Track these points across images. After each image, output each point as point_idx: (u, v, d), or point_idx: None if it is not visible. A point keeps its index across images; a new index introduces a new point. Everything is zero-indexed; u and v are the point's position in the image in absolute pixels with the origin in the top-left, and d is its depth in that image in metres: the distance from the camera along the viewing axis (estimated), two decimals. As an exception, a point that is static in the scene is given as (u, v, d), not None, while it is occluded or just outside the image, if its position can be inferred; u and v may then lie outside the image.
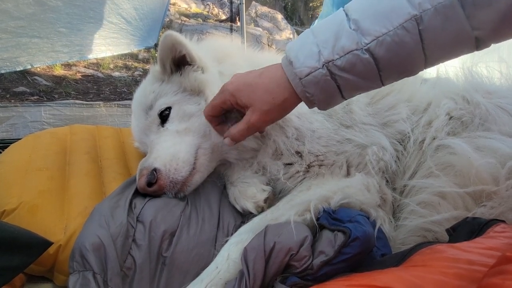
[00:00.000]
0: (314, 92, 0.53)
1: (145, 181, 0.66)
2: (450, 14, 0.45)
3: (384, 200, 0.70)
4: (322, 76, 0.51)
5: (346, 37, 0.49)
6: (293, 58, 0.53)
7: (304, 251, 0.52)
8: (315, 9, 10.71)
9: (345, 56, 0.49)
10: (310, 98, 0.54)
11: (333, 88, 0.52)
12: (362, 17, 0.49)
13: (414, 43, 0.47)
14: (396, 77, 0.54)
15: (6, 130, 1.56)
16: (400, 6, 0.46)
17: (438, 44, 0.48)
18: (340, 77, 0.51)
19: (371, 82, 0.52)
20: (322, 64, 0.50)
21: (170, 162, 0.68)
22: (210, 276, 0.57)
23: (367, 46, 0.48)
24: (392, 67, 0.51)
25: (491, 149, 0.65)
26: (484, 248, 0.46)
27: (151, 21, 2.47)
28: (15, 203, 0.68)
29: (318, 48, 0.51)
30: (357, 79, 0.51)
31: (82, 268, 0.53)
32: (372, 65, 0.49)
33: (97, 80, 3.56)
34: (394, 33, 0.47)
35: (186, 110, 0.73)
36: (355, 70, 0.50)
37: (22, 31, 1.69)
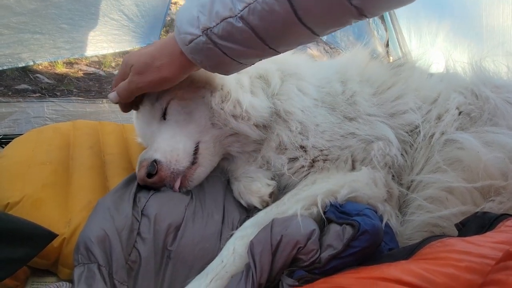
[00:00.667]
0: (201, 59, 0.51)
1: (145, 172, 0.65)
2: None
3: (390, 194, 0.69)
4: (204, 44, 0.48)
5: (220, 3, 0.46)
6: (178, 23, 0.50)
7: (311, 244, 0.51)
8: (317, 8, 10.67)
9: (220, 24, 0.46)
10: (201, 64, 0.52)
11: (220, 55, 0.49)
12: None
13: (285, 12, 0.43)
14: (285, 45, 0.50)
15: (8, 125, 1.56)
16: None
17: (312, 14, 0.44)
18: (222, 45, 0.47)
19: (258, 50, 0.49)
20: (202, 31, 0.47)
21: (171, 153, 0.67)
22: (215, 270, 0.56)
23: (240, 13, 0.45)
24: (272, 36, 0.47)
25: (499, 144, 0.65)
26: (496, 242, 0.45)
27: (153, 18, 2.46)
28: (18, 196, 0.67)
29: (198, 13, 0.47)
30: (241, 48, 0.48)
31: (87, 261, 0.53)
32: (249, 33, 0.46)
33: (99, 78, 3.55)
34: (263, 1, 0.43)
35: (188, 103, 0.73)
36: (235, 39, 0.47)
37: (24, 27, 1.69)
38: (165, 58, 0.53)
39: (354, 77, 0.80)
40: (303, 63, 0.85)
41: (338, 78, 0.82)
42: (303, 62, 0.86)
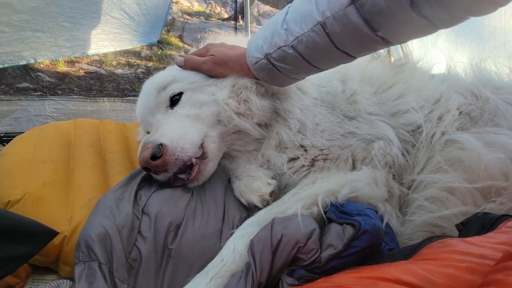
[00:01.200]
0: (262, 75, 0.69)
1: (150, 153, 0.64)
2: (346, 21, 0.52)
3: (391, 194, 0.69)
4: (265, 65, 0.65)
5: (277, 36, 0.61)
6: (248, 49, 0.68)
7: (312, 243, 0.51)
8: (318, 8, 10.67)
9: (277, 51, 0.62)
10: (262, 79, 0.70)
11: (276, 73, 0.66)
12: (290, 19, 0.59)
13: (324, 43, 0.56)
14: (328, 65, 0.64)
15: (10, 123, 1.56)
16: (312, 12, 0.55)
17: (347, 44, 0.56)
18: (278, 66, 0.64)
19: (305, 69, 0.64)
20: (264, 55, 0.64)
21: (178, 141, 0.67)
22: (215, 268, 0.56)
23: (291, 43, 0.59)
24: (315, 59, 0.61)
25: (500, 145, 0.65)
26: (496, 243, 0.45)
27: (154, 17, 2.46)
28: (19, 194, 0.68)
29: (262, 43, 0.64)
30: (292, 67, 0.63)
31: (88, 259, 0.53)
32: (299, 58, 0.60)
33: (100, 77, 3.55)
34: (307, 35, 0.56)
35: (199, 98, 0.74)
36: (287, 61, 0.62)
37: (25, 25, 1.69)
38: (237, 66, 0.72)
39: (354, 76, 0.80)
40: None
41: (338, 77, 0.82)
42: None
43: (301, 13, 0.57)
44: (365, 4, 0.49)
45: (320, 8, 0.53)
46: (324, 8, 0.53)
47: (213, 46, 0.75)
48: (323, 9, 0.53)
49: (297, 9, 0.59)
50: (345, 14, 0.51)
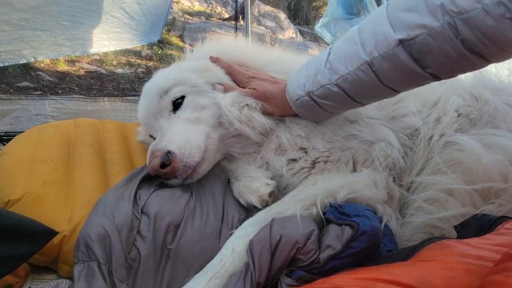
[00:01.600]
0: (303, 112, 0.71)
1: (159, 161, 0.65)
2: (395, 60, 0.53)
3: (391, 196, 0.69)
4: (306, 102, 0.67)
5: (321, 75, 0.63)
6: (289, 87, 0.70)
7: (310, 244, 0.51)
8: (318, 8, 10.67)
9: (320, 88, 0.64)
10: (301, 114, 0.73)
11: (317, 109, 0.68)
12: (334, 59, 0.62)
13: (371, 80, 0.58)
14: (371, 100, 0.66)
15: (10, 123, 1.56)
16: (358, 53, 0.57)
17: (394, 81, 0.57)
18: (320, 102, 0.66)
19: (347, 104, 0.66)
20: (306, 93, 0.66)
21: (185, 147, 0.68)
22: (214, 268, 0.56)
23: (336, 81, 0.61)
24: (360, 95, 0.63)
25: (499, 147, 0.65)
26: (494, 245, 0.45)
27: (155, 17, 2.46)
28: (19, 193, 0.68)
29: (304, 81, 0.67)
30: (334, 104, 0.66)
31: (87, 258, 0.53)
32: (342, 95, 0.62)
33: (100, 76, 3.55)
34: (353, 73, 0.58)
35: (200, 101, 0.75)
36: (330, 98, 0.64)
37: (25, 23, 1.69)
38: (280, 102, 0.73)
39: None
40: None
41: None
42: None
43: (346, 53, 0.59)
44: (413, 45, 0.50)
45: (367, 48, 0.55)
46: (371, 48, 0.54)
47: (255, 79, 0.76)
48: (370, 50, 0.55)
49: (340, 50, 0.61)
50: (393, 53, 0.52)
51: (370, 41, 0.55)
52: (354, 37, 0.58)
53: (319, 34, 3.15)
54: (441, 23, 0.47)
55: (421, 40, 0.50)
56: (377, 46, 0.54)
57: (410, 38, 0.50)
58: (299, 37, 8.04)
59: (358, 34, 0.58)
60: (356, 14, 2.62)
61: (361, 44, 0.56)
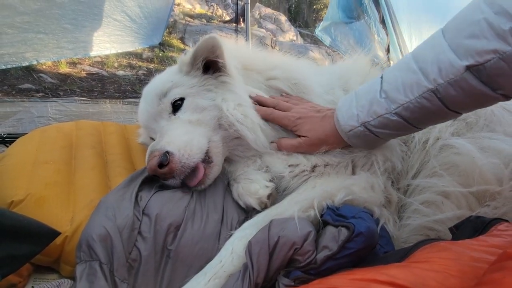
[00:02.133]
0: (356, 142, 0.69)
1: (157, 161, 0.65)
2: (463, 85, 0.53)
3: (389, 200, 0.70)
4: (361, 132, 0.66)
5: (377, 105, 0.62)
6: (340, 118, 0.69)
7: (308, 245, 0.52)
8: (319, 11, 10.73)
9: (377, 118, 0.63)
10: (354, 144, 0.71)
11: (372, 138, 0.67)
12: (390, 88, 0.61)
13: (435, 107, 0.57)
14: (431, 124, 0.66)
15: (12, 125, 1.58)
16: (419, 81, 0.56)
17: (461, 105, 0.57)
18: (377, 132, 0.65)
19: (405, 131, 0.66)
20: (360, 123, 0.65)
21: (184, 148, 0.68)
22: (214, 269, 0.57)
23: (395, 110, 0.60)
24: (421, 121, 0.62)
25: (495, 150, 0.66)
26: (488, 246, 0.46)
27: (156, 20, 2.48)
28: (22, 194, 0.69)
29: (357, 112, 0.65)
30: (392, 131, 0.65)
31: (89, 258, 0.54)
32: (402, 123, 0.62)
33: (101, 79, 3.58)
34: (415, 101, 0.58)
35: (199, 103, 0.75)
36: (389, 127, 0.64)
37: (28, 26, 1.71)
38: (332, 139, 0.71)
39: (356, 85, 0.81)
40: (307, 70, 0.86)
41: (340, 85, 0.83)
42: (307, 69, 0.86)
43: (404, 82, 0.58)
44: (483, 70, 0.51)
45: (429, 76, 0.55)
46: (434, 76, 0.54)
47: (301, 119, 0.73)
48: (434, 77, 0.54)
49: (396, 79, 0.60)
50: (461, 79, 0.52)
51: (432, 68, 0.55)
52: (411, 66, 0.58)
53: (319, 38, 3.17)
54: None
55: (491, 64, 0.50)
56: (441, 73, 0.54)
57: (479, 63, 0.50)
58: (300, 39, 8.07)
59: (414, 62, 0.58)
60: (356, 18, 2.64)
61: (422, 72, 0.56)
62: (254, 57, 0.88)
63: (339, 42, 2.88)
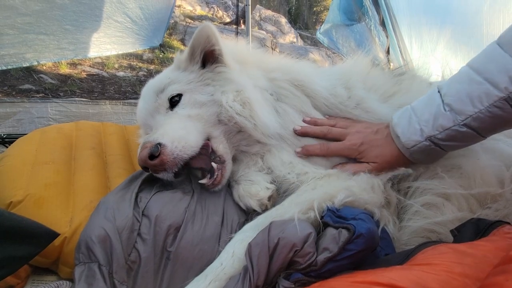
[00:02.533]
0: (420, 157, 0.68)
1: (148, 152, 0.64)
2: None
3: (388, 201, 0.69)
4: (426, 147, 0.65)
5: (443, 118, 0.62)
6: (400, 134, 0.68)
7: (308, 247, 0.52)
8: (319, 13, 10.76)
9: (444, 131, 0.63)
10: (416, 160, 0.69)
11: (437, 151, 0.66)
12: (455, 101, 0.61)
13: (508, 114, 0.57)
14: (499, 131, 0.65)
15: (12, 125, 1.58)
16: (488, 91, 0.57)
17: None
18: (443, 145, 0.65)
19: (473, 141, 0.65)
20: (425, 138, 0.65)
21: (178, 140, 0.67)
22: (214, 272, 0.57)
23: (463, 122, 0.60)
24: (491, 130, 0.62)
25: (497, 152, 0.66)
26: (489, 248, 0.46)
27: (157, 21, 2.49)
28: (21, 195, 0.69)
29: (420, 126, 0.65)
30: (459, 143, 0.65)
31: (88, 260, 0.53)
32: (471, 133, 0.61)
33: (102, 79, 3.58)
34: (486, 111, 0.58)
35: (197, 98, 0.74)
36: (457, 139, 0.63)
37: (29, 27, 1.71)
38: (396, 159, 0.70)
39: (357, 83, 0.81)
40: (310, 72, 0.85)
41: (341, 83, 0.82)
42: (310, 71, 0.86)
43: (470, 94, 0.59)
44: None
45: (500, 85, 0.56)
46: (506, 84, 0.55)
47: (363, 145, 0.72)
48: (506, 86, 0.55)
49: (459, 92, 0.61)
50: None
51: (501, 78, 0.56)
52: (474, 78, 0.59)
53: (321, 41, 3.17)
54: None
55: None
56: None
57: None
58: (300, 41, 8.09)
59: (477, 74, 0.59)
60: (356, 20, 2.65)
61: (489, 82, 0.57)
62: (255, 56, 0.88)
63: (340, 44, 2.89)
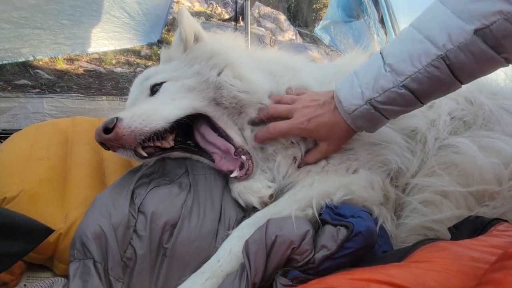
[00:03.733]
0: (361, 123, 0.66)
1: (102, 125, 0.62)
2: (473, 49, 0.53)
3: (387, 198, 0.69)
4: (366, 111, 0.63)
5: (383, 79, 0.60)
6: (342, 99, 0.66)
7: (305, 244, 0.51)
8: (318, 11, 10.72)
9: (384, 93, 0.61)
10: (359, 127, 0.67)
11: (377, 116, 0.64)
12: (396, 61, 0.59)
13: (444, 75, 0.56)
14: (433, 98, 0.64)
15: (7, 120, 1.56)
16: (428, 50, 0.56)
17: (469, 71, 0.57)
18: (382, 109, 0.63)
19: (411, 106, 0.63)
20: (366, 101, 0.62)
21: (139, 115, 0.64)
22: (211, 269, 0.57)
23: (402, 83, 0.59)
24: (429, 94, 0.61)
25: (494, 150, 0.65)
26: (487, 246, 0.46)
27: (155, 17, 2.46)
28: (15, 190, 0.68)
29: (361, 89, 0.63)
30: (399, 108, 0.63)
31: (83, 256, 0.53)
32: (410, 96, 0.60)
33: (99, 75, 3.55)
34: (424, 71, 0.56)
35: (185, 83, 0.73)
36: (396, 102, 0.61)
37: (24, 21, 1.68)
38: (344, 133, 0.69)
39: None
40: (302, 65, 0.85)
41: (336, 78, 0.82)
42: (302, 64, 0.86)
43: (411, 52, 0.57)
44: (489, 33, 0.51)
45: (439, 43, 0.55)
46: (444, 42, 0.54)
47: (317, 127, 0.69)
48: (444, 43, 0.54)
49: (402, 51, 0.59)
50: (471, 42, 0.52)
51: (441, 35, 0.54)
52: (416, 36, 0.57)
53: (319, 37, 3.16)
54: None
55: (497, 26, 0.50)
56: (451, 38, 0.54)
57: (485, 26, 0.51)
58: (299, 38, 8.06)
59: (419, 33, 0.57)
60: (355, 17, 2.64)
61: (429, 40, 0.56)
62: (250, 50, 0.88)
63: (338, 41, 2.88)
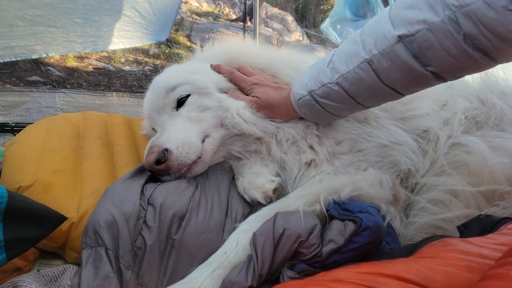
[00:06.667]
0: (305, 112, 0.70)
1: (155, 158, 0.66)
2: (393, 57, 0.54)
3: (396, 198, 0.69)
4: (308, 101, 0.68)
5: (323, 74, 0.64)
6: (293, 88, 0.71)
7: (313, 238, 0.52)
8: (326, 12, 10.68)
9: (322, 87, 0.64)
10: (304, 115, 0.72)
11: (318, 109, 0.68)
12: (336, 59, 0.63)
13: (370, 79, 0.58)
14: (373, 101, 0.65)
15: (21, 114, 1.60)
16: (358, 51, 0.58)
17: (395, 80, 0.57)
18: (321, 102, 0.66)
19: (349, 105, 0.65)
20: (308, 92, 0.67)
21: (183, 146, 0.69)
22: (218, 260, 0.57)
23: (336, 80, 0.62)
24: (361, 95, 0.62)
25: (505, 149, 0.65)
26: (497, 244, 0.45)
27: (164, 16, 2.50)
28: (30, 180, 0.70)
29: (307, 81, 0.67)
30: (335, 104, 0.65)
31: (95, 244, 0.54)
32: (343, 94, 0.63)
33: (108, 73, 3.61)
34: (353, 72, 0.59)
35: (204, 102, 0.76)
36: (331, 97, 0.64)
37: (39, 19, 1.73)
38: (282, 109, 0.74)
39: None
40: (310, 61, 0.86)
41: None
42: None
43: (347, 52, 0.60)
44: (414, 41, 0.51)
45: (366, 47, 0.56)
46: (370, 46, 0.55)
47: (258, 85, 0.76)
48: (370, 48, 0.55)
49: (343, 50, 0.62)
50: (392, 50, 0.53)
51: (370, 39, 0.56)
52: (356, 37, 0.59)
53: (325, 33, 3.14)
54: (441, 17, 0.47)
55: (421, 36, 0.49)
56: (376, 44, 0.54)
57: (410, 34, 0.50)
58: (306, 39, 8.05)
59: (360, 34, 0.59)
60: (362, 16, 2.62)
61: (362, 43, 0.57)
62: (263, 56, 0.88)
63: (344, 39, 2.86)
